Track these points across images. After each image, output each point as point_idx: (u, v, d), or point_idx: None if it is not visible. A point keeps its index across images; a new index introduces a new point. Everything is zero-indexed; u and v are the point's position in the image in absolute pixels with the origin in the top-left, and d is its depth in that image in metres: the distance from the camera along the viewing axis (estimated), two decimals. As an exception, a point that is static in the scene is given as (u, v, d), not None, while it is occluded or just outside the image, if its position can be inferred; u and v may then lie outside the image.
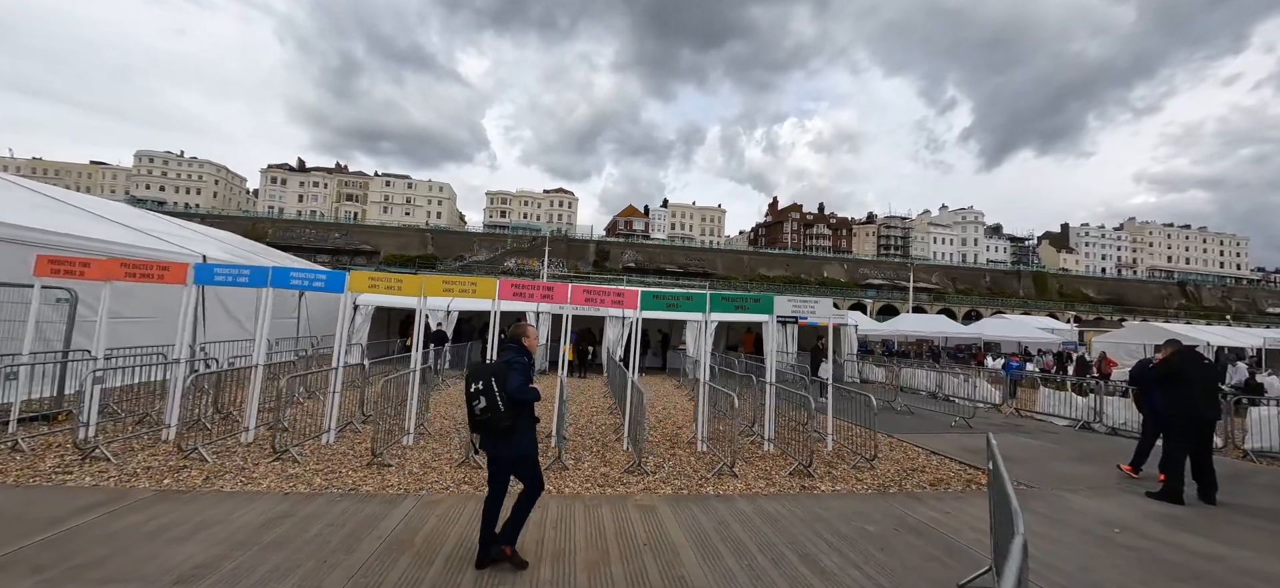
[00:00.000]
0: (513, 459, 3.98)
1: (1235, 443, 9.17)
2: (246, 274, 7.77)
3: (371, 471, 6.31)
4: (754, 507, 5.49)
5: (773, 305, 8.10)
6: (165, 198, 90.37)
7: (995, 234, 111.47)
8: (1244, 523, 5.52)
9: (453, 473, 6.35)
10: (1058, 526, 5.26)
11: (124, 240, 12.07)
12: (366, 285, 7.79)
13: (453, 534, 4.54)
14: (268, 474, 6.03)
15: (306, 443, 7.32)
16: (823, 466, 7.28)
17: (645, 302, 8.02)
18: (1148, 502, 6.10)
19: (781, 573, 4.01)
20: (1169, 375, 6.46)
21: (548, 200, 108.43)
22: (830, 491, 6.26)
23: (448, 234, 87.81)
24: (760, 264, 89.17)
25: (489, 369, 3.95)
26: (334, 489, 5.67)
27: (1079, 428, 11.23)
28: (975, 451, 8.51)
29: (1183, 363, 6.44)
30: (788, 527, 4.95)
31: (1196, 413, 6.16)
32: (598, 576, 3.89)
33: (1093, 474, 7.37)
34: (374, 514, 4.94)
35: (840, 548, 4.51)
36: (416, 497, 5.46)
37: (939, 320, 34.12)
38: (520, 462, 3.99)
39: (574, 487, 6.04)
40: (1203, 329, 26.59)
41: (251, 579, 3.71)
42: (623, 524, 4.88)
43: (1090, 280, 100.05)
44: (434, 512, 5.04)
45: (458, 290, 7.77)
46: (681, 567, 4.06)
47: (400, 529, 4.61)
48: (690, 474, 6.65)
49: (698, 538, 4.63)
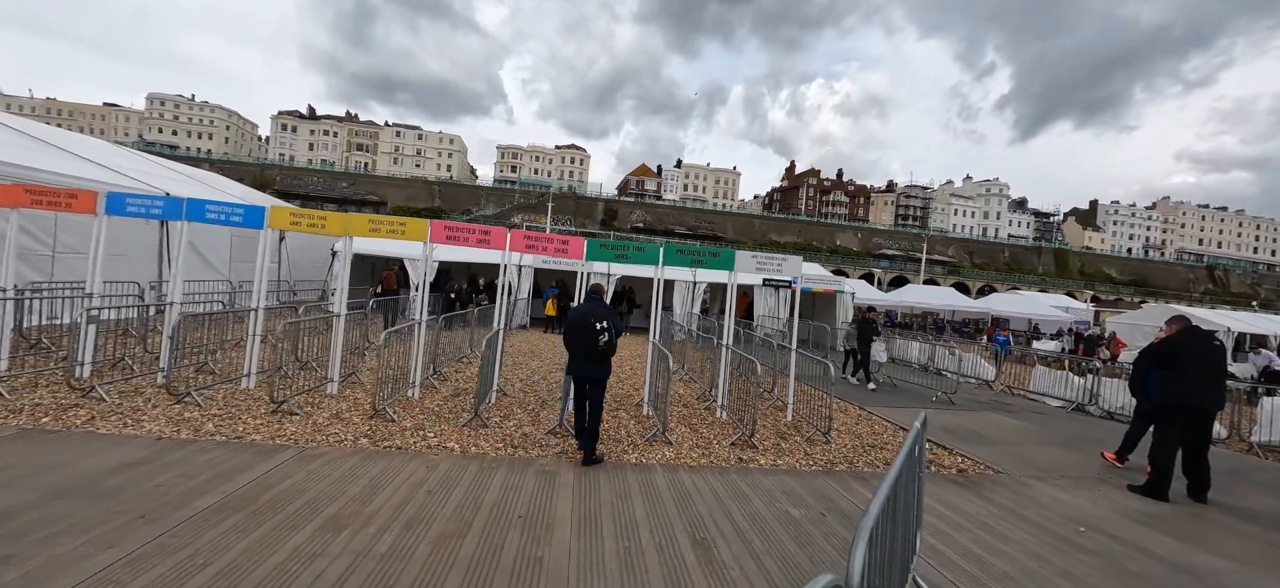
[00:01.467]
0: (603, 378, 5.25)
1: (1241, 435, 8.36)
2: (159, 206, 7.20)
3: (272, 419, 5.82)
4: (671, 479, 4.90)
5: (732, 261, 7.34)
6: (177, 142, 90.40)
7: (1020, 209, 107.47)
8: (1232, 527, 4.80)
9: (362, 424, 5.85)
10: (1015, 520, 4.60)
11: (85, 174, 11.59)
12: (288, 222, 7.17)
13: (311, 492, 4.02)
14: (158, 418, 5.57)
15: (222, 388, 6.88)
16: (774, 437, 6.67)
17: (592, 252, 7.32)
18: (1128, 496, 5.40)
19: (660, 559, 3.42)
20: (1170, 356, 5.61)
21: (559, 156, 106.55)
22: (769, 465, 5.65)
23: (456, 187, 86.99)
24: (772, 229, 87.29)
25: (608, 312, 5.30)
26: (220, 436, 5.19)
27: (1072, 410, 10.46)
28: (950, 429, 7.82)
29: (1186, 343, 5.58)
30: (697, 504, 4.35)
31: (1195, 401, 5.35)
32: (442, 552, 3.33)
33: (1072, 462, 6.65)
34: (238, 466, 4.44)
35: (746, 534, 3.90)
36: (298, 450, 4.95)
37: (947, 293, 32.93)
38: (604, 380, 5.28)
39: (486, 446, 5.49)
40: (1226, 315, 25.18)
41: (42, 533, 3.22)
42: (510, 492, 4.32)
43: (1114, 260, 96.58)
44: (305, 467, 4.52)
45: (385, 231, 7.13)
46: (545, 546, 3.49)
47: (253, 484, 4.09)
48: (621, 439, 6.06)
49: (587, 512, 4.05)
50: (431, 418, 6.35)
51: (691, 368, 10.99)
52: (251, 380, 7.09)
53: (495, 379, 7.31)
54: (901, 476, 2.40)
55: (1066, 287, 72.86)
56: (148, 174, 14.54)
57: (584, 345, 5.12)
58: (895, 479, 2.08)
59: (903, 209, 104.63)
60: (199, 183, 17.22)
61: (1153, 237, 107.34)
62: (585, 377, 5.21)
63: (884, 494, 1.84)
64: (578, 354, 5.18)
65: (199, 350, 8.20)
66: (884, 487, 1.92)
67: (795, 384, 7.93)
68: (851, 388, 10.77)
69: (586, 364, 5.16)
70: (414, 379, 7.25)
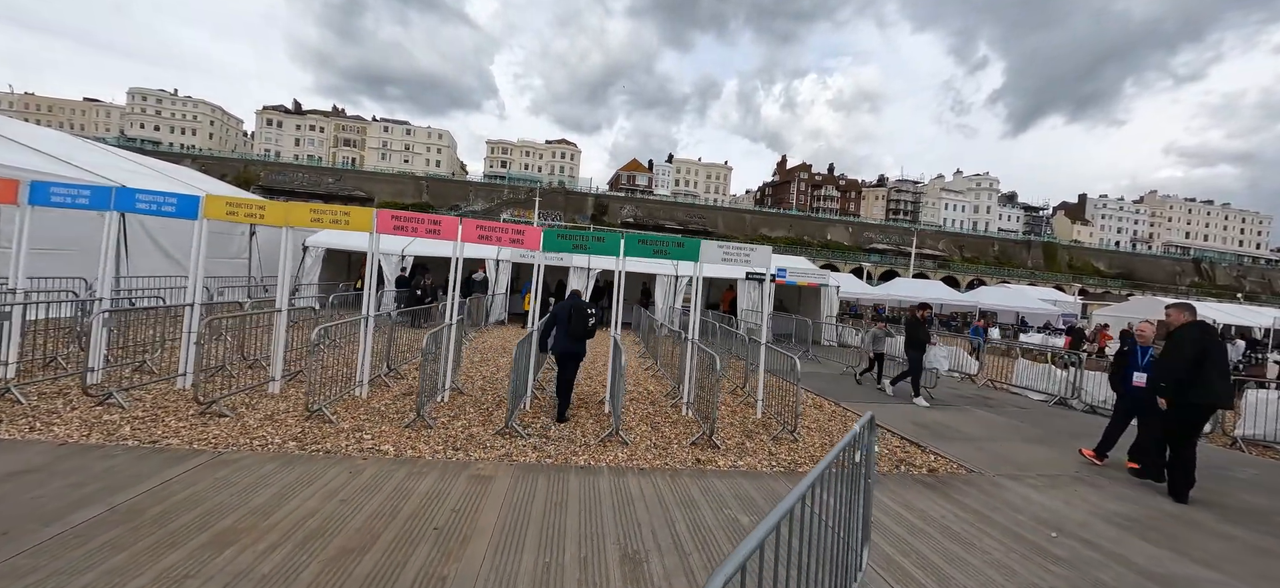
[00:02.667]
0: (583, 355, 6.56)
1: (1224, 429, 8.13)
2: (86, 195, 6.74)
3: (198, 421, 5.41)
4: (615, 484, 4.55)
5: (697, 252, 6.99)
6: (160, 138, 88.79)
7: (1009, 203, 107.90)
8: (1215, 529, 4.51)
9: (295, 426, 5.45)
10: (982, 524, 4.28)
11: (30, 165, 11.04)
12: (224, 211, 6.74)
13: (209, 503, 3.62)
14: (72, 421, 5.15)
15: (156, 388, 6.47)
16: (739, 436, 6.34)
17: (549, 241, 6.95)
18: (1102, 499, 5.11)
19: (579, 578, 3.07)
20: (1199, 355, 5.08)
21: (550, 152, 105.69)
22: (728, 467, 5.31)
23: (443, 182, 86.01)
24: (763, 224, 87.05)
25: (591, 304, 6.84)
26: (133, 441, 4.78)
27: (1054, 403, 10.21)
28: (925, 425, 7.53)
29: (1207, 339, 5.17)
30: (638, 512, 4.00)
31: (1222, 401, 5.34)
32: (332, 573, 2.96)
33: (1049, 459, 6.36)
34: (139, 474, 4.04)
35: (685, 546, 3.56)
36: (213, 455, 4.55)
37: (934, 286, 32.78)
38: (582, 355, 6.55)
39: (424, 449, 5.12)
40: (1212, 306, 25.17)
41: None
42: (434, 500, 3.95)
43: (1102, 253, 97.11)
44: (214, 474, 4.12)
45: (328, 221, 6.72)
46: (454, 563, 3.13)
47: (147, 495, 3.69)
48: (571, 440, 5.70)
49: (512, 522, 3.69)
50: (375, 419, 5.97)
51: (664, 363, 10.65)
52: (187, 380, 6.67)
53: (447, 377, 6.93)
54: (813, 493, 2.07)
55: (1056, 280, 73.19)
56: (108, 168, 13.97)
57: (577, 328, 6.29)
58: (785, 511, 1.74)
59: (894, 204, 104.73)
60: (168, 178, 16.65)
61: (1140, 230, 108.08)
62: (574, 354, 6.39)
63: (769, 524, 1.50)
64: (573, 335, 6.30)
65: (143, 349, 7.77)
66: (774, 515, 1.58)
67: (770, 380, 7.62)
68: (838, 385, 10.47)
69: (579, 344, 6.38)
70: (361, 378, 6.86)
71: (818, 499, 2.30)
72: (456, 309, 7.09)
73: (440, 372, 6.94)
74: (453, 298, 7.05)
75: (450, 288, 7.01)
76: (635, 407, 7.38)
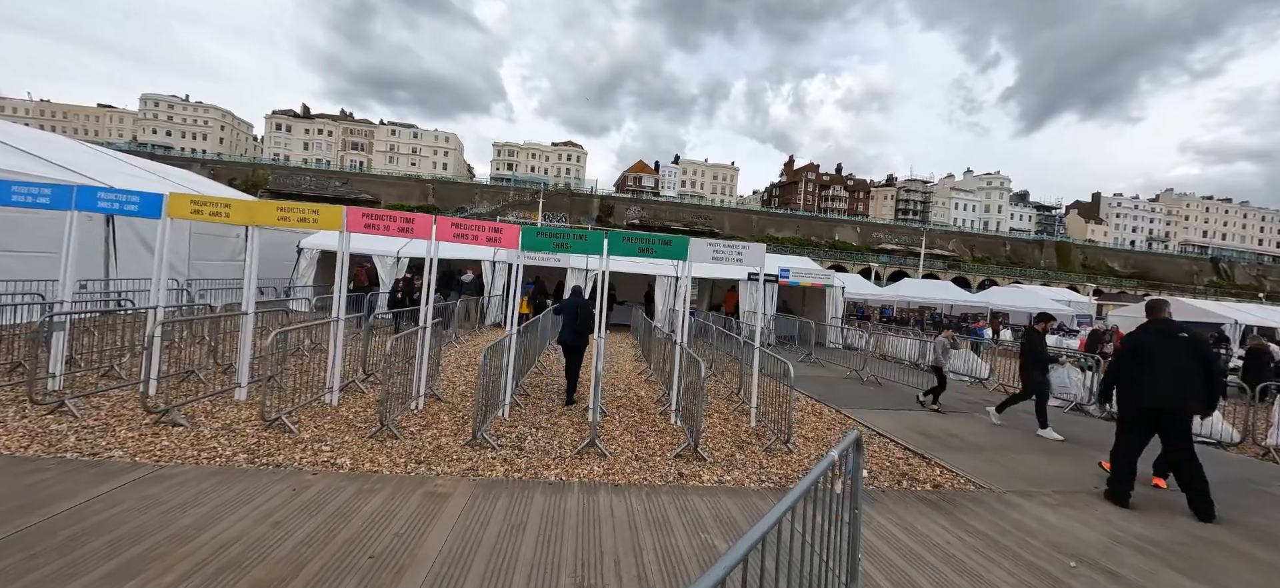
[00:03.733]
0: (584, 345, 7.41)
1: (1255, 439, 7.58)
2: (47, 194, 6.47)
3: (149, 430, 5.09)
4: (585, 502, 4.15)
5: (686, 250, 6.59)
6: (171, 143, 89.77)
7: (1021, 202, 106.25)
8: (1248, 554, 4.03)
9: (253, 436, 5.10)
10: (991, 550, 3.84)
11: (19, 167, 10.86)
12: (189, 210, 6.44)
13: (128, 526, 3.28)
14: (15, 431, 4.84)
15: (116, 394, 6.19)
16: (729, 447, 5.92)
17: (528, 240, 6.58)
18: (1125, 520, 4.64)
19: (522, 622, 2.68)
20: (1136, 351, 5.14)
21: (556, 153, 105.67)
22: (713, 482, 4.90)
23: (449, 185, 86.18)
24: (770, 225, 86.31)
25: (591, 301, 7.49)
26: (74, 453, 4.46)
27: (1070, 409, 9.68)
28: (930, 434, 7.07)
29: (1145, 338, 5.12)
30: (604, 537, 3.60)
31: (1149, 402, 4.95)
32: (239, 614, 2.59)
33: (1067, 473, 5.89)
34: (63, 491, 3.71)
35: (650, 577, 3.16)
36: (151, 469, 4.22)
37: (944, 286, 32.04)
38: (585, 348, 7.43)
39: (383, 462, 4.75)
40: (1231, 306, 24.32)
41: None
42: (379, 521, 3.58)
43: (1117, 253, 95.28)
44: (143, 492, 3.78)
45: (295, 220, 6.41)
46: (381, 603, 2.75)
47: (63, 515, 3.36)
48: (546, 452, 5.32)
49: (459, 549, 3.31)
50: (340, 428, 5.63)
51: (658, 368, 10.24)
52: (150, 387, 6.37)
53: (421, 384, 6.58)
54: (778, 533, 1.66)
55: (1069, 280, 71.83)
56: (107, 171, 13.80)
57: (580, 323, 7.29)
58: (736, 561, 1.34)
59: (903, 203, 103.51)
60: (170, 183, 16.50)
61: (1156, 229, 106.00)
62: (576, 345, 7.32)
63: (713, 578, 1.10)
64: (579, 330, 7.28)
65: (116, 354, 7.51)
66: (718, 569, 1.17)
67: (767, 386, 7.19)
68: (842, 391, 10.01)
69: (580, 337, 7.31)
70: (332, 384, 6.53)
71: (802, 519, 1.89)
72: (431, 312, 6.73)
73: (414, 378, 6.60)
74: (427, 299, 6.69)
75: (425, 289, 6.65)
76: (622, 414, 6.98)
